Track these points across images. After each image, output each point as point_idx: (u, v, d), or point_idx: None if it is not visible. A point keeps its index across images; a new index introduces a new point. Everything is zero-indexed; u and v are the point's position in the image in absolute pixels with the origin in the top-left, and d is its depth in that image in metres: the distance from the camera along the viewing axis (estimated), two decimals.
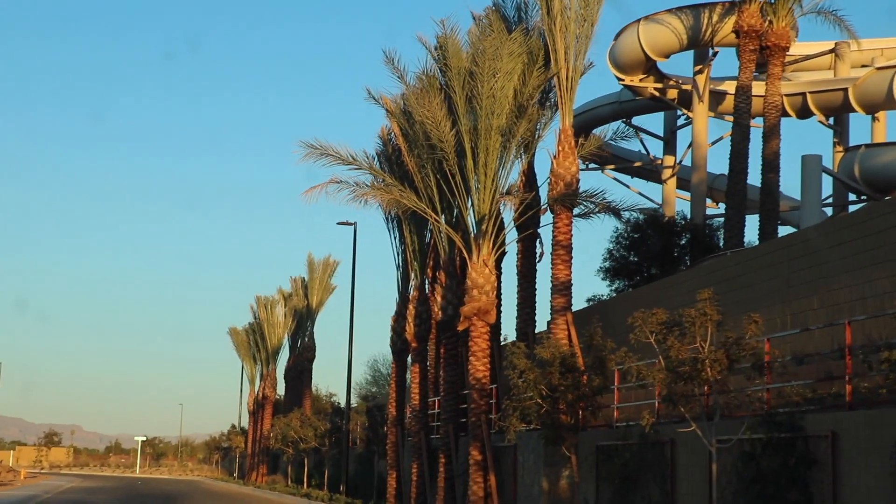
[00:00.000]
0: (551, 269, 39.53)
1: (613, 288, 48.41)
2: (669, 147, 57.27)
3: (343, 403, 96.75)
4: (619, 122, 53.85)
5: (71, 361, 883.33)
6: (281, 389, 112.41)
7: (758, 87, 49.93)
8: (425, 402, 49.82)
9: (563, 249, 39.30)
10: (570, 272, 39.57)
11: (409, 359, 51.21)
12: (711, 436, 25.52)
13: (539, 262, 44.08)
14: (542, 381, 32.46)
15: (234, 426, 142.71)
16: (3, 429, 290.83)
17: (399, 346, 53.07)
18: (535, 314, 43.98)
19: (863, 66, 49.37)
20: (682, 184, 55.78)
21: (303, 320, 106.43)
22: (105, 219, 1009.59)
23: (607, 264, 48.24)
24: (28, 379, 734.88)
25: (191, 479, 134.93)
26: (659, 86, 51.44)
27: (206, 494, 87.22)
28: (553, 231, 39.59)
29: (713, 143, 51.87)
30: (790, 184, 52.45)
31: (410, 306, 49.98)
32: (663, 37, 47.92)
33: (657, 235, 45.71)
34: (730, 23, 46.43)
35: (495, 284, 41.32)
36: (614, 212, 40.59)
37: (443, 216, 44.59)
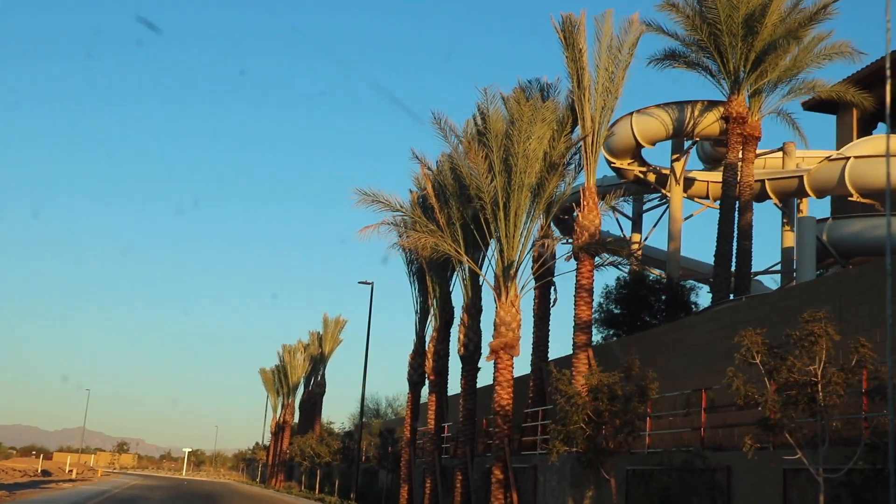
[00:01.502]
0: (574, 309, 30.53)
1: (602, 336, 39.51)
2: (636, 226, 48.33)
3: (344, 429, 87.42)
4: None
5: (140, 388, 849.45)
6: (296, 416, 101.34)
7: (714, 176, 41.86)
8: (440, 426, 40.25)
9: (586, 292, 30.35)
10: (591, 312, 30.66)
11: (427, 389, 41.44)
12: (819, 464, 16.41)
13: (553, 306, 35.09)
14: (590, 406, 23.39)
15: (257, 443, 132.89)
16: (89, 439, 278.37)
17: (415, 378, 43.62)
18: (548, 351, 34.83)
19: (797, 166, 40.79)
20: (645, 259, 46.66)
21: (317, 364, 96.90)
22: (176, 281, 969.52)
23: (597, 315, 39.50)
24: (108, 401, 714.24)
25: (223, 482, 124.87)
26: (643, 169, 42.54)
27: (238, 493, 78.98)
28: (577, 276, 30.61)
29: (686, 219, 42.87)
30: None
31: (431, 345, 40.59)
32: (653, 127, 39.22)
33: (645, 290, 36.79)
34: (709, 117, 38.15)
35: (520, 322, 31.99)
36: (632, 258, 31.69)
37: (466, 264, 35.60)
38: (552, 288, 34.92)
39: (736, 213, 34.72)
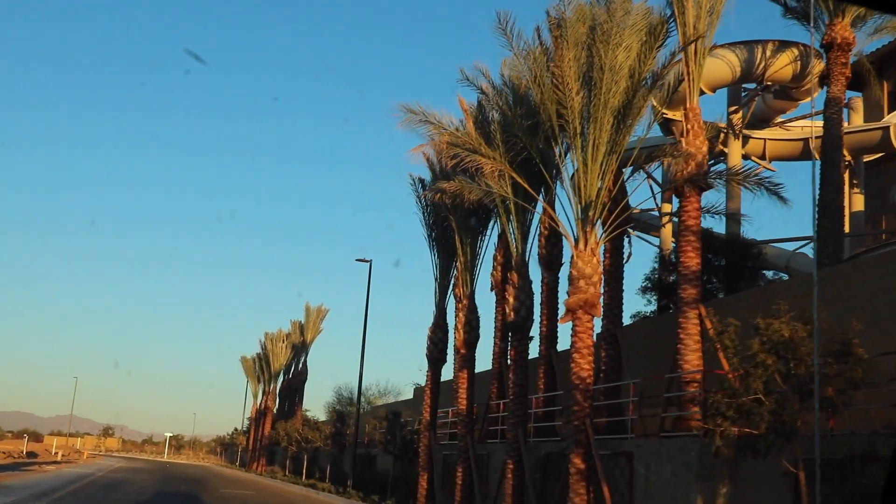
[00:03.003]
0: (679, 257, 21.17)
1: (651, 309, 30.26)
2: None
3: (316, 418, 76.76)
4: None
5: (124, 376, 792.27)
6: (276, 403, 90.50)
7: (772, 133, 32.96)
8: (471, 407, 30.46)
9: (693, 235, 21.01)
10: (700, 260, 21.09)
11: (454, 365, 31.58)
12: None
13: (626, 262, 25.58)
14: (782, 367, 14.05)
15: (236, 429, 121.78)
16: (78, 425, 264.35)
17: (435, 354, 33.75)
18: (622, 315, 25.20)
19: None
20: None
21: (298, 352, 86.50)
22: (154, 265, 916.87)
23: (647, 283, 30.26)
24: (97, 389, 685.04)
25: (204, 465, 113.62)
26: None
27: (222, 477, 68.54)
28: (681, 216, 21.33)
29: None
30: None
31: (460, 314, 30.87)
32: (718, 70, 29.73)
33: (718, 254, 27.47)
34: (782, 58, 29.12)
35: (601, 276, 22.41)
36: (756, 186, 22.13)
37: (513, 211, 25.96)
38: (626, 240, 25.56)
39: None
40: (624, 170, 24.80)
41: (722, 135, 32.85)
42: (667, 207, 37.96)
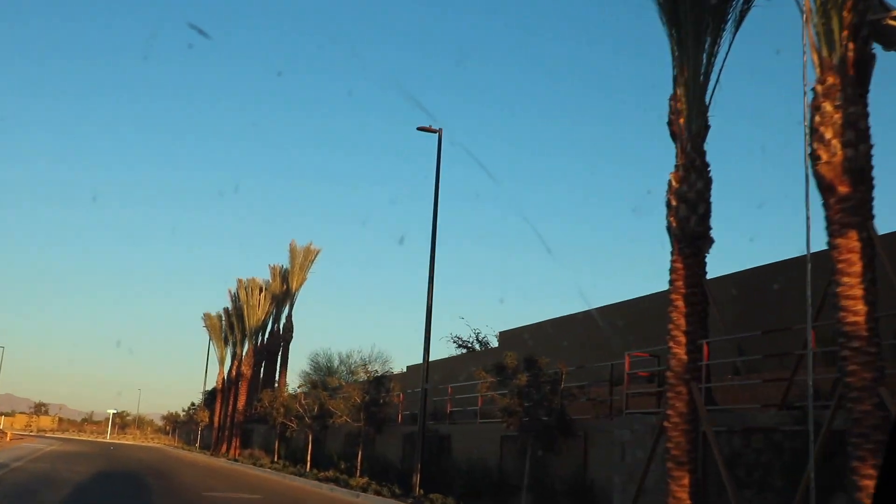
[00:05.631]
0: None
1: None
2: None
3: (290, 391, 59.26)
4: None
5: (60, 349, 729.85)
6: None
7: None
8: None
9: None
10: None
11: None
12: None
13: None
14: None
15: (193, 403, 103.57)
16: (14, 404, 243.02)
17: (692, 226, 16.87)
18: None
19: None
20: None
21: (279, 304, 68.82)
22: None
23: None
24: (29, 364, 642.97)
25: (155, 447, 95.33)
26: None
27: (187, 465, 50.66)
28: None
29: None
30: None
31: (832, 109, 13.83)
32: None
33: None
34: None
35: None
36: None
37: None
38: None
39: None
40: None
41: None
42: None
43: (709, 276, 17.83)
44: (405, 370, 48.63)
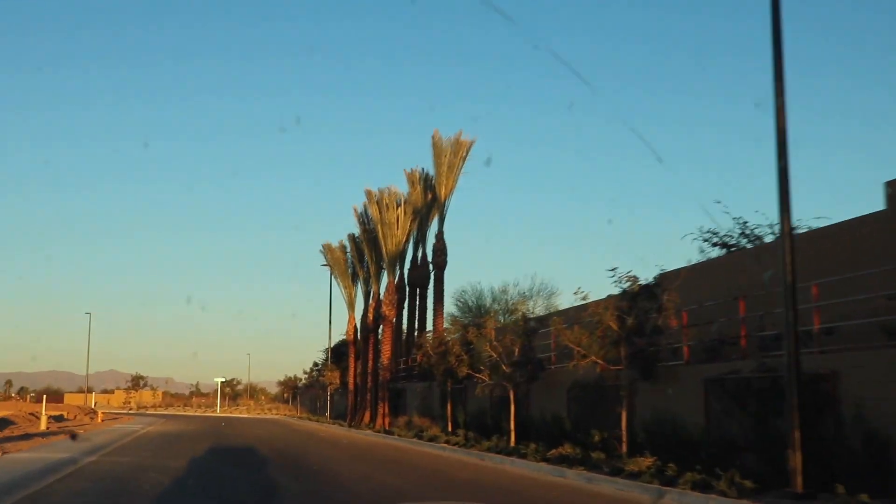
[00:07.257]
0: None
1: None
2: None
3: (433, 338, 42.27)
4: None
5: (163, 322, 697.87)
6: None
7: None
8: None
9: None
10: None
11: None
12: None
13: None
14: None
15: (315, 364, 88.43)
16: (120, 380, 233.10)
17: None
18: None
19: None
20: None
21: (423, 222, 52.19)
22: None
23: None
24: (137, 341, 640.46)
25: (274, 419, 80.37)
26: None
27: (330, 447, 33.89)
28: None
29: None
30: None
31: None
32: None
33: None
34: None
35: None
36: None
37: None
38: None
39: None
40: None
41: None
42: None
43: None
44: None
